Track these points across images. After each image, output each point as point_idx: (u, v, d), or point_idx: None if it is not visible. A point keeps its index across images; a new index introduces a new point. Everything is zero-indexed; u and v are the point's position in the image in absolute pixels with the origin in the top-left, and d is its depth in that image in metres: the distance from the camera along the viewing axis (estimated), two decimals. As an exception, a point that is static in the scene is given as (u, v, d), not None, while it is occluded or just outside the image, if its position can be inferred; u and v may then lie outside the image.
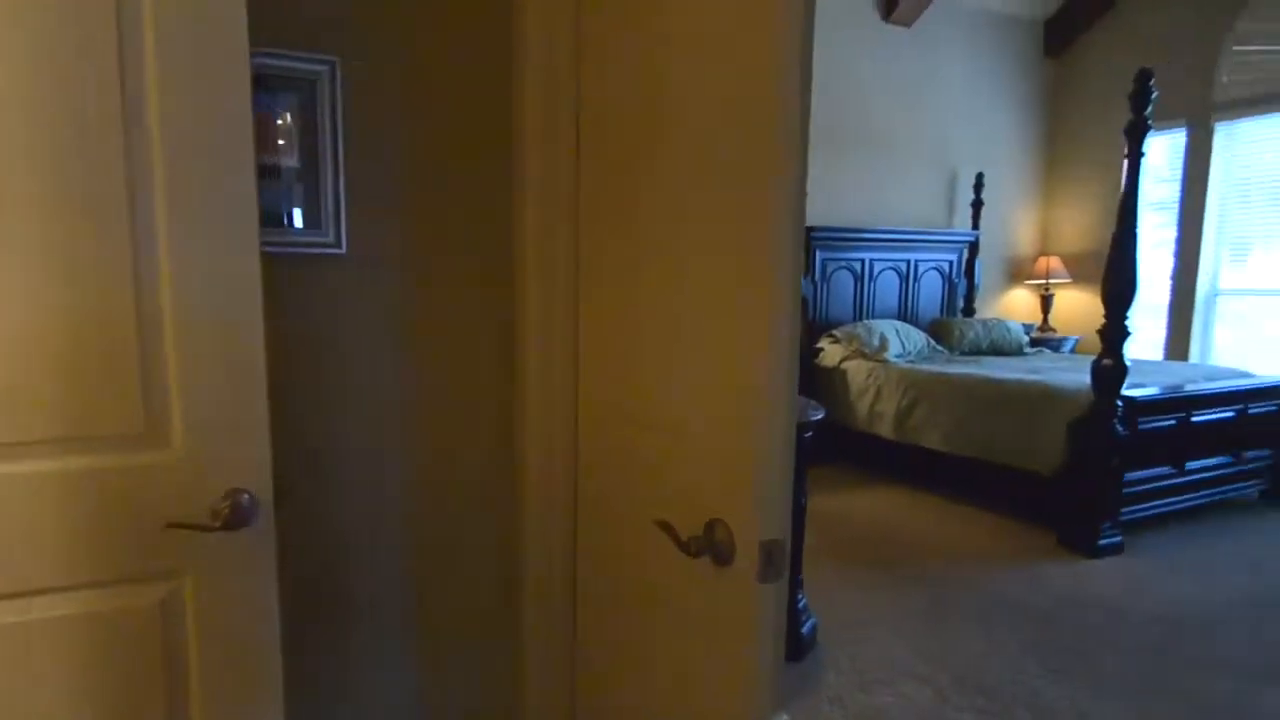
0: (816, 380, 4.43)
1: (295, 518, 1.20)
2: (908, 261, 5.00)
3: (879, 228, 4.81)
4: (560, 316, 1.23)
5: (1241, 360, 4.46)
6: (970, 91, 5.16)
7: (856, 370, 4.22)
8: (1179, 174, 4.73)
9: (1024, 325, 4.97)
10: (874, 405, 4.05)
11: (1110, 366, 2.80)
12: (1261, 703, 1.86)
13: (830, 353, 4.45)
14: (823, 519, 3.27)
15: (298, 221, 1.22)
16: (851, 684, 1.93)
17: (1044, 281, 5.26)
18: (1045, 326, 5.27)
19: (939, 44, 4.99)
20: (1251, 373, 3.65)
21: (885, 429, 3.94)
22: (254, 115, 0.89)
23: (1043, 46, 5.36)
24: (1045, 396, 3.11)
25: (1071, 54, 5.34)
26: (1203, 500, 3.18)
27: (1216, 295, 4.65)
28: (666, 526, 0.85)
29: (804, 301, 4.64)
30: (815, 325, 4.70)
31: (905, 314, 5.03)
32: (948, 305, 5.21)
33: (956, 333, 4.68)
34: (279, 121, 1.18)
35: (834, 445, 4.40)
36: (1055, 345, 4.96)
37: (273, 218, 1.18)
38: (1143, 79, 2.74)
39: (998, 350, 4.64)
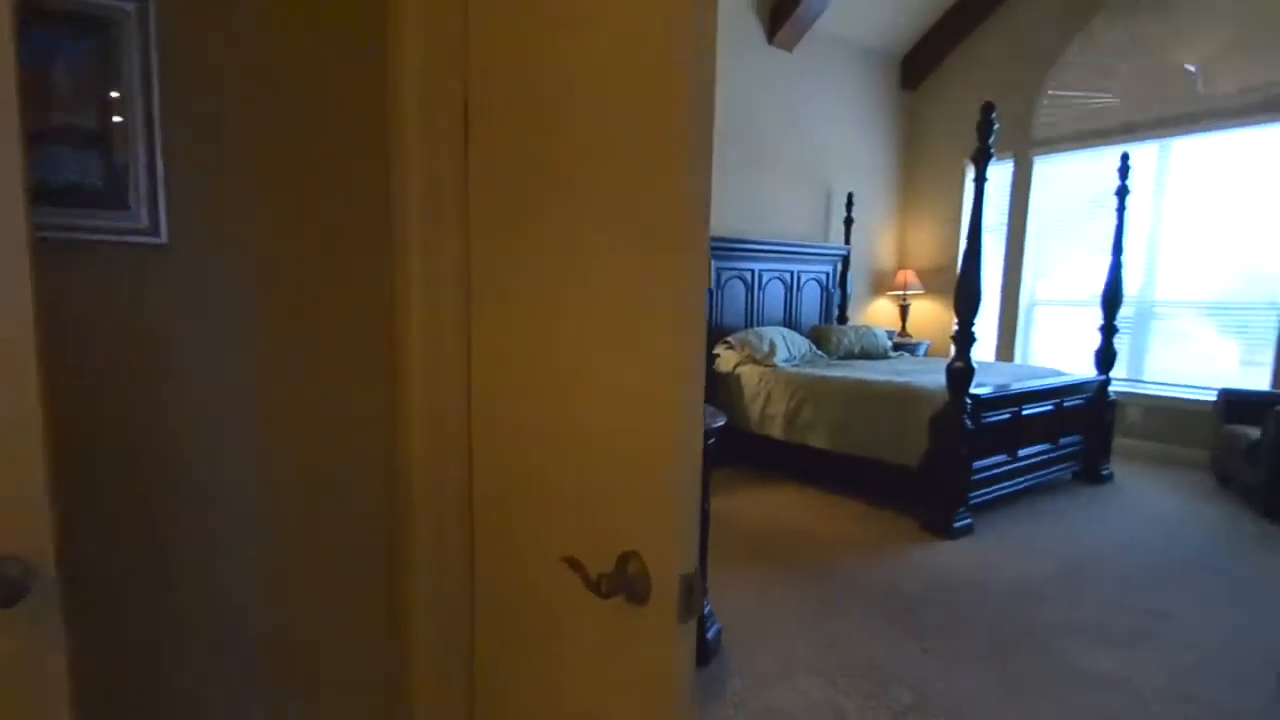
0: (714, 385, 4.71)
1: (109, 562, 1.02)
2: (791, 272, 5.43)
3: (767, 239, 5.19)
4: (449, 329, 1.10)
5: (1053, 361, 5.28)
6: (842, 116, 5.68)
7: (749, 375, 4.55)
8: (1006, 200, 5.50)
9: (887, 331, 5.56)
10: (765, 408, 4.39)
11: (961, 368, 3.27)
12: (1096, 659, 2.29)
13: (726, 358, 4.76)
14: (721, 520, 3.51)
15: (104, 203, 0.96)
16: (752, 684, 2.08)
17: (902, 292, 5.90)
18: (903, 333, 5.92)
19: (815, 69, 5.45)
20: (1063, 371, 4.35)
21: (776, 430, 4.29)
22: (27, 60, 0.71)
23: (899, 79, 6.00)
24: (910, 396, 3.56)
25: (924, 88, 6.02)
26: (1031, 482, 3.77)
27: (1034, 305, 5.47)
28: (574, 564, 0.77)
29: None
30: (712, 332, 4.99)
31: (790, 321, 5.46)
32: (825, 313, 5.71)
33: (834, 339, 5.16)
34: (66, 71, 0.93)
35: (730, 447, 4.72)
36: (912, 349, 5.59)
37: (62, 195, 0.94)
38: (986, 111, 3.21)
39: (868, 354, 5.17)
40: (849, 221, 5.67)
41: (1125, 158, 4.08)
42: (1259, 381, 4.28)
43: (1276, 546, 3.14)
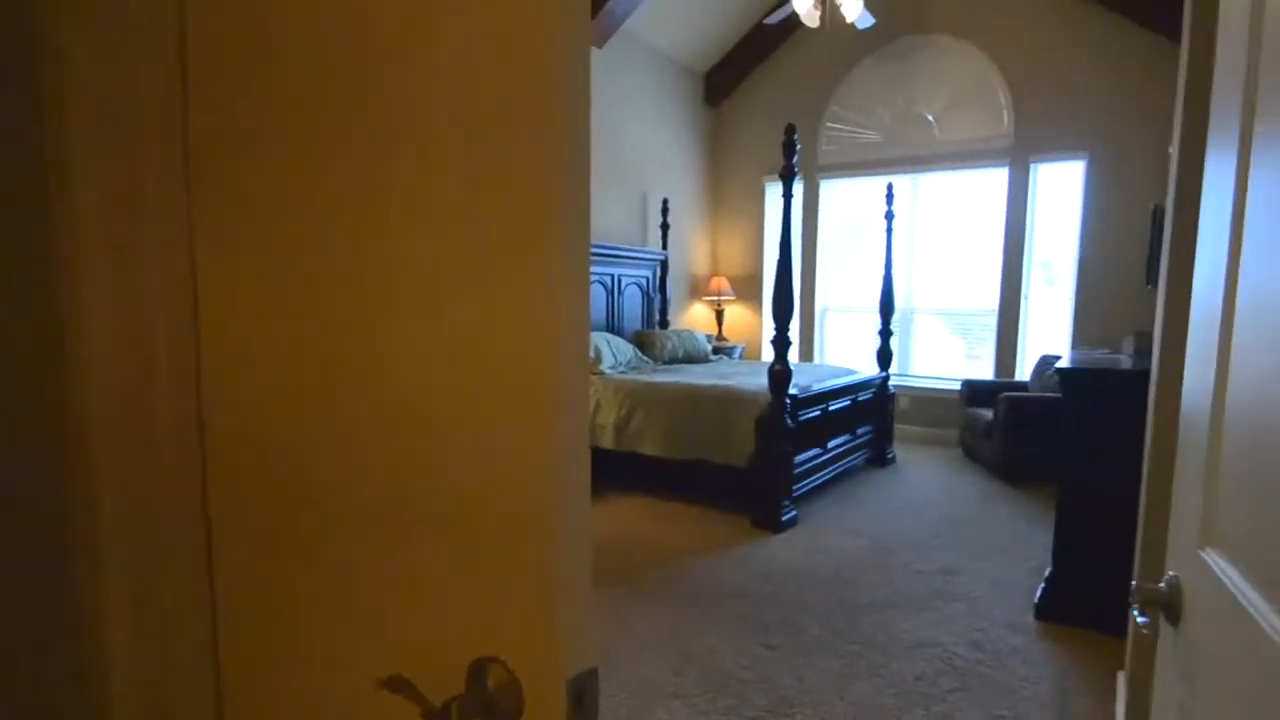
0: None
1: None
2: (613, 275, 5.49)
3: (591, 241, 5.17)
4: (153, 304, 0.73)
5: (842, 360, 6.02)
6: (655, 122, 5.89)
7: (579, 383, 4.50)
8: (800, 217, 6.13)
9: (706, 335, 5.89)
10: (595, 418, 4.37)
11: (781, 371, 3.55)
12: (910, 625, 2.60)
13: (553, 367, 4.66)
14: (569, 532, 3.43)
15: None
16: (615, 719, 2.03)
17: (717, 298, 6.30)
18: (720, 336, 6.33)
19: (627, 72, 5.56)
20: (853, 370, 4.96)
21: (607, 440, 4.29)
22: None
23: (703, 95, 6.39)
24: (736, 399, 3.78)
25: (725, 106, 6.48)
26: (838, 470, 4.24)
27: (826, 311, 6.18)
28: (401, 685, 0.54)
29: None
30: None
31: (612, 326, 5.52)
32: (647, 318, 5.87)
33: (659, 344, 5.32)
34: None
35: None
36: (729, 352, 5.99)
37: None
38: (789, 133, 3.52)
39: (691, 359, 5.41)
40: (665, 227, 5.90)
41: (890, 187, 4.78)
42: (987, 373, 5.28)
43: (1014, 503, 3.89)
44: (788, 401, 3.61)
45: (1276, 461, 0.53)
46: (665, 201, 5.87)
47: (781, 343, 3.61)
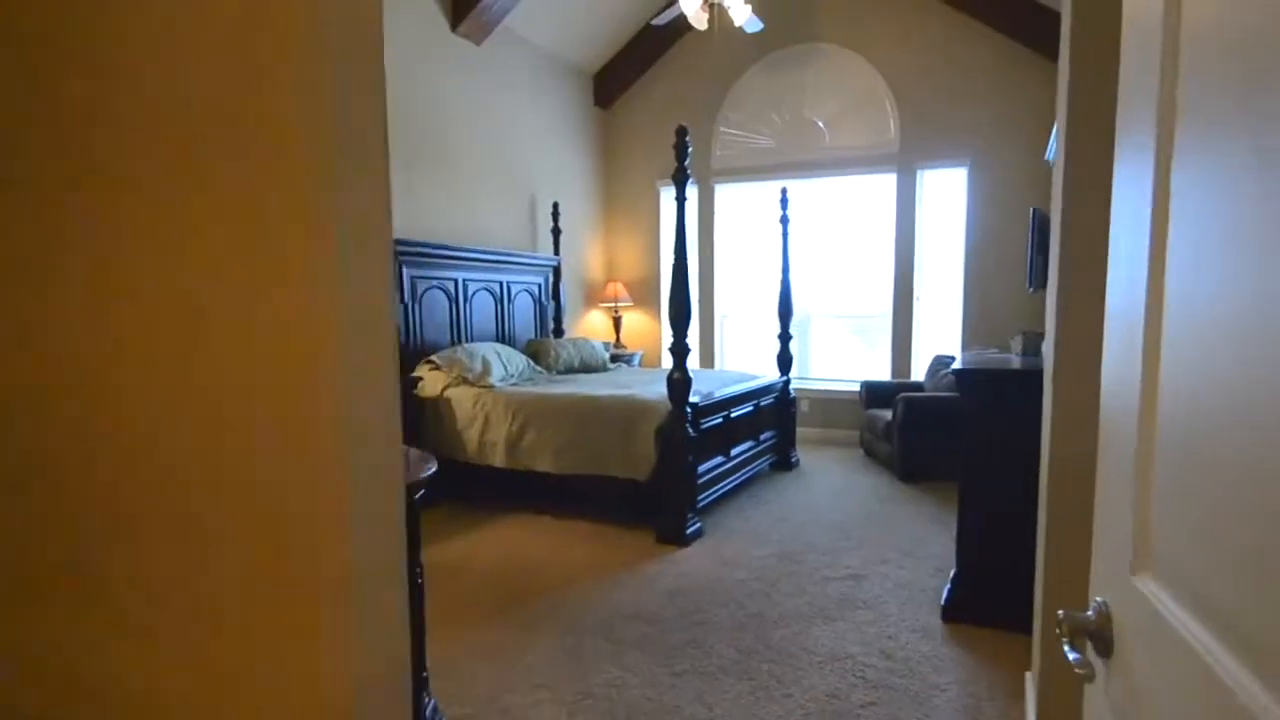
0: (417, 413, 4.14)
1: None
2: (501, 283, 5.13)
3: (471, 247, 4.80)
4: None
5: (742, 365, 5.96)
6: (542, 124, 5.60)
7: (462, 398, 4.10)
8: (695, 221, 6.03)
9: (604, 343, 5.63)
10: (484, 434, 3.99)
11: (680, 379, 3.34)
12: (819, 637, 2.42)
13: (431, 381, 4.23)
14: (442, 576, 3.03)
15: None
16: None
17: (614, 304, 6.07)
18: (618, 344, 6.09)
19: (510, 71, 5.26)
20: (754, 374, 4.86)
21: (498, 458, 3.92)
22: None
23: (593, 97, 6.18)
24: (636, 409, 3.54)
25: (616, 108, 6.30)
26: (743, 478, 4.08)
27: (725, 317, 6.10)
28: None
29: (395, 326, 4.30)
30: (410, 351, 4.41)
31: (502, 335, 5.15)
32: (540, 326, 5.54)
33: (553, 353, 5.00)
34: None
35: (443, 483, 4.20)
36: (627, 360, 5.76)
37: None
38: (681, 134, 3.34)
39: (588, 368, 5.13)
40: (556, 232, 5.61)
41: (784, 192, 4.74)
42: (884, 374, 5.37)
43: (914, 503, 3.88)
44: (689, 410, 3.41)
45: (1219, 478, 0.48)
46: (556, 205, 5.59)
47: (680, 350, 3.40)
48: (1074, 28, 1.49)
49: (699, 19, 4.05)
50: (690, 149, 3.37)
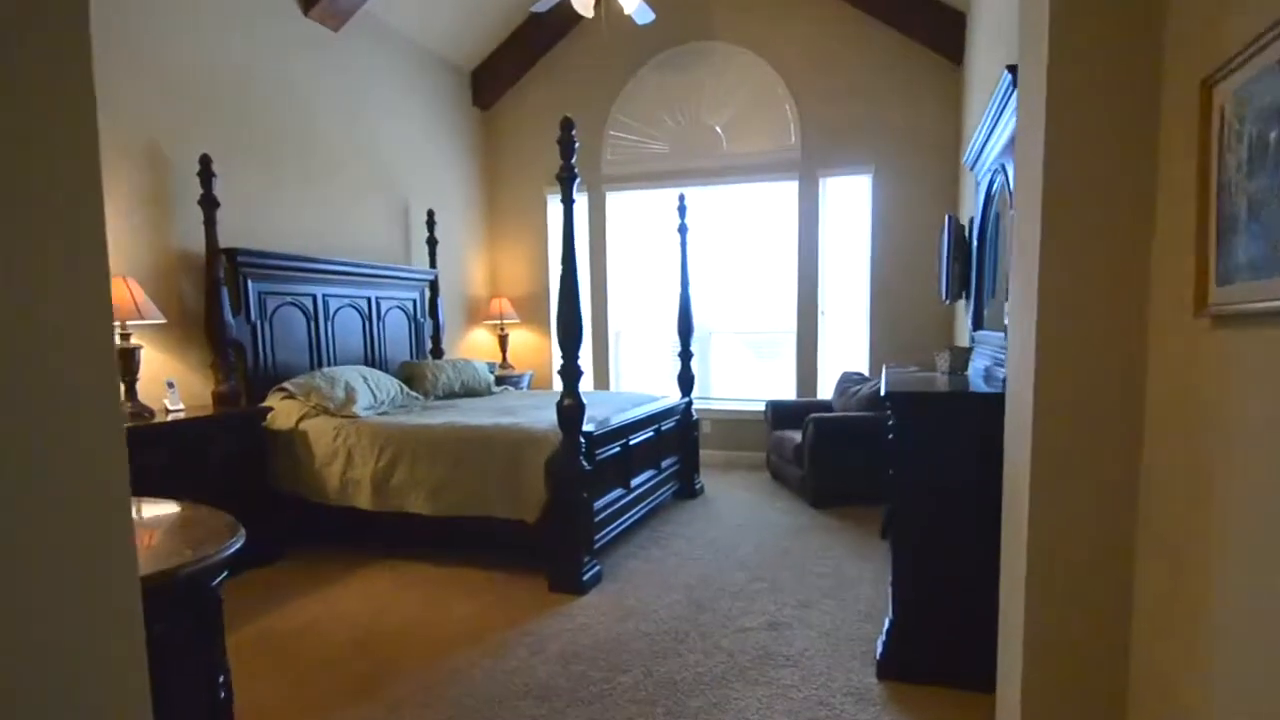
0: (268, 447, 3.45)
1: None
2: (369, 299, 4.49)
3: (332, 259, 4.16)
4: None
5: (639, 385, 5.61)
6: (410, 123, 5.04)
7: (320, 431, 3.45)
8: (586, 231, 5.64)
9: (489, 364, 5.09)
10: (346, 471, 3.37)
11: (572, 405, 2.91)
12: (741, 702, 2.04)
13: (284, 411, 3.55)
14: (285, 646, 2.42)
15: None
16: None
17: (499, 321, 5.54)
18: (505, 364, 5.56)
19: (374, 63, 4.68)
20: (654, 395, 4.51)
21: (363, 499, 3.31)
22: None
23: (471, 96, 5.67)
24: (521, 440, 3.06)
25: (498, 109, 5.81)
26: (644, 510, 3.69)
27: (620, 333, 5.73)
28: None
29: (239, 347, 3.59)
30: (259, 377, 3.70)
31: (372, 358, 4.51)
32: (416, 347, 4.93)
33: (430, 376, 4.42)
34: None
35: (296, 529, 3.52)
36: (515, 382, 5.25)
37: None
38: (566, 127, 2.95)
39: (470, 391, 4.58)
40: (433, 242, 5.04)
41: (682, 198, 4.46)
42: (790, 393, 5.19)
43: (829, 533, 3.64)
44: (582, 441, 2.98)
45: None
46: (430, 213, 5.03)
47: (571, 373, 2.97)
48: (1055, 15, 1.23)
49: (584, 5, 3.70)
50: (577, 145, 3.00)
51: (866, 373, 4.89)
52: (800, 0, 4.86)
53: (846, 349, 5.12)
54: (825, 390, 5.09)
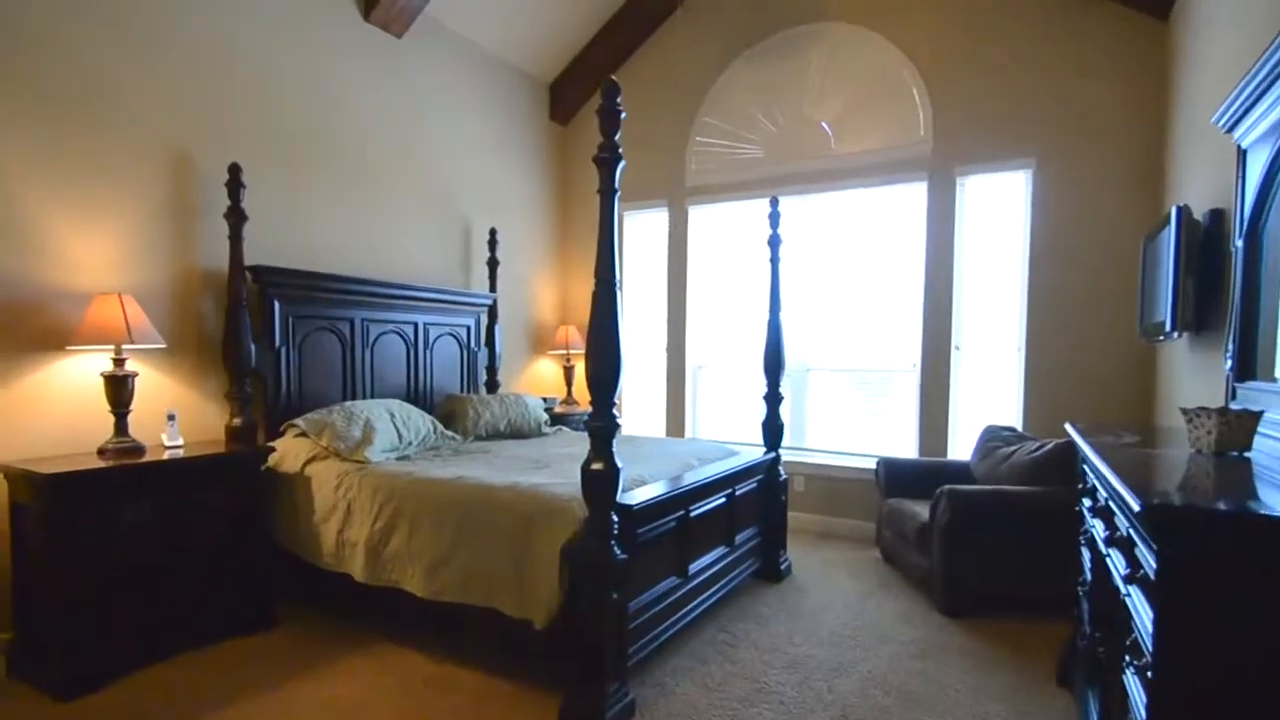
0: (269, 494, 2.96)
1: None
2: (415, 324, 4.00)
3: (373, 279, 3.70)
4: None
5: (721, 430, 4.73)
6: (477, 137, 4.56)
7: (325, 478, 2.91)
8: (664, 251, 4.90)
9: (546, 399, 4.45)
10: (343, 530, 2.78)
11: (602, 474, 2.12)
12: None
13: (291, 452, 3.05)
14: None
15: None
16: None
17: (565, 351, 4.90)
18: (568, 399, 4.90)
19: (437, 69, 4.25)
20: (732, 446, 3.64)
21: (356, 566, 2.70)
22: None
23: (548, 109, 5.16)
24: (536, 512, 2.31)
25: (575, 124, 5.27)
26: (709, 601, 2.82)
27: (700, 368, 4.90)
28: None
29: (259, 377, 3.17)
30: (281, 410, 3.27)
31: (415, 390, 4.00)
32: (469, 379, 4.38)
33: (472, 413, 3.82)
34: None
35: (295, 594, 2.98)
36: (576, 421, 4.56)
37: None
38: (610, 93, 2.26)
39: (517, 432, 3.94)
40: (494, 263, 4.50)
41: (774, 203, 3.57)
42: (910, 448, 4.11)
43: (971, 657, 2.57)
44: (616, 519, 2.18)
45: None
46: (493, 232, 4.50)
47: (604, 431, 2.17)
48: None
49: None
50: (623, 114, 2.30)
51: (1019, 427, 3.74)
52: (932, -40, 3.90)
53: (989, 396, 3.96)
54: (960, 449, 3.96)
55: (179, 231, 2.99)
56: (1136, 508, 1.08)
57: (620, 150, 2.27)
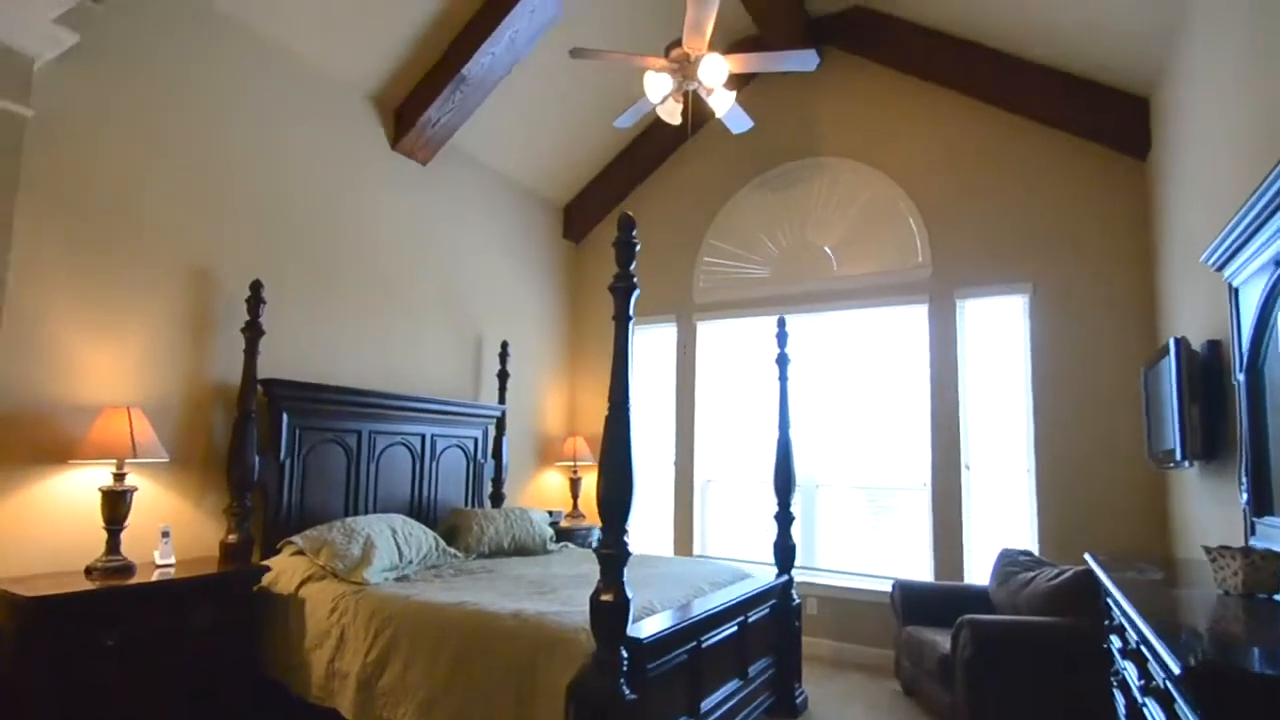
0: (259, 620, 2.83)
1: None
2: (422, 436, 4.00)
3: (381, 391, 3.73)
4: None
5: (730, 547, 4.60)
6: (494, 256, 4.77)
7: (319, 600, 2.80)
8: (673, 366, 4.98)
9: (552, 513, 4.36)
10: (335, 659, 2.64)
11: (613, 604, 2.05)
12: None
13: (286, 571, 2.96)
14: None
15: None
16: None
17: (572, 463, 4.87)
18: (575, 513, 4.81)
19: (459, 195, 4.51)
20: (743, 568, 3.52)
21: (346, 702, 2.54)
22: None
23: (563, 228, 5.44)
24: (538, 646, 2.20)
25: (589, 242, 5.54)
26: (720, 747, 2.61)
27: (708, 483, 4.84)
28: None
29: (261, 491, 3.13)
30: (280, 524, 3.21)
31: (418, 502, 3.94)
32: (474, 491, 4.32)
33: (475, 529, 3.74)
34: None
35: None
36: (583, 536, 4.45)
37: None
38: (625, 226, 2.37)
39: (521, 549, 3.84)
40: (504, 375, 4.57)
41: (781, 323, 3.68)
42: (924, 570, 3.98)
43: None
44: (626, 653, 2.08)
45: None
46: (505, 345, 4.61)
47: (615, 559, 2.12)
48: None
49: (670, 112, 3.30)
50: (637, 246, 2.41)
51: (1036, 551, 3.63)
52: (926, 114, 4.20)
53: (1003, 516, 3.88)
54: (975, 572, 3.83)
55: (194, 343, 3.02)
56: (1177, 670, 1.03)
57: (635, 279, 2.34)
